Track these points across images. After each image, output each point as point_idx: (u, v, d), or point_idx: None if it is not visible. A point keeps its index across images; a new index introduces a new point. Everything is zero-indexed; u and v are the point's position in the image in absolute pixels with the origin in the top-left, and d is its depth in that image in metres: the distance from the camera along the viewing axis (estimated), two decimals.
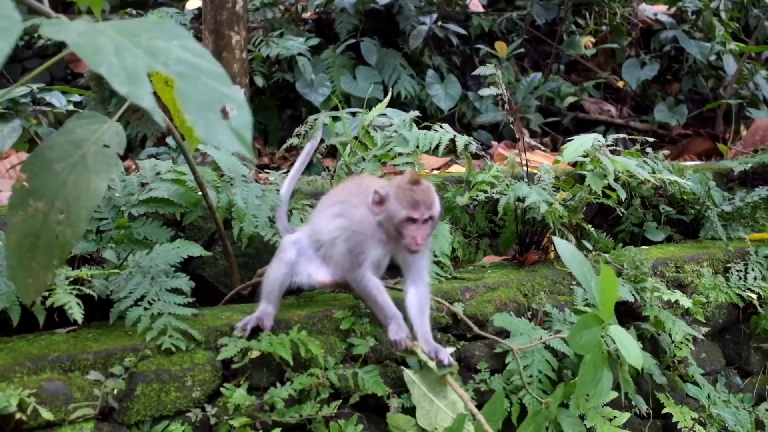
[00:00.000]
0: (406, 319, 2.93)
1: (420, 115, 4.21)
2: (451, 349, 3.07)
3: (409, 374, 2.95)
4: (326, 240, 3.01)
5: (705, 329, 3.91)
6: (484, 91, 4.04)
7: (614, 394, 3.27)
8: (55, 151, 2.18)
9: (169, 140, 6.17)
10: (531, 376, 3.17)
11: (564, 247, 2.79)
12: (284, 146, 4.14)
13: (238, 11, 6.32)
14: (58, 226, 2.08)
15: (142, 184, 3.35)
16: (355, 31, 7.98)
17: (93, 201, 2.12)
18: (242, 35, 6.06)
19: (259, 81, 7.20)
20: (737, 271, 4.28)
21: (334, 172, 4.06)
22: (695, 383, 3.88)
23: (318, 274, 3.03)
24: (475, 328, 3.27)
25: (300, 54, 7.30)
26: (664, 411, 3.71)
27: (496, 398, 2.89)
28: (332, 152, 4.59)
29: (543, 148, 5.72)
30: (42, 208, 2.12)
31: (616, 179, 3.90)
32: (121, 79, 1.56)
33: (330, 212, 3.04)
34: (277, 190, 3.50)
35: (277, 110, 7.63)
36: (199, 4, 7.34)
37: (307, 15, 8.63)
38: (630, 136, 5.35)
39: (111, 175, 2.19)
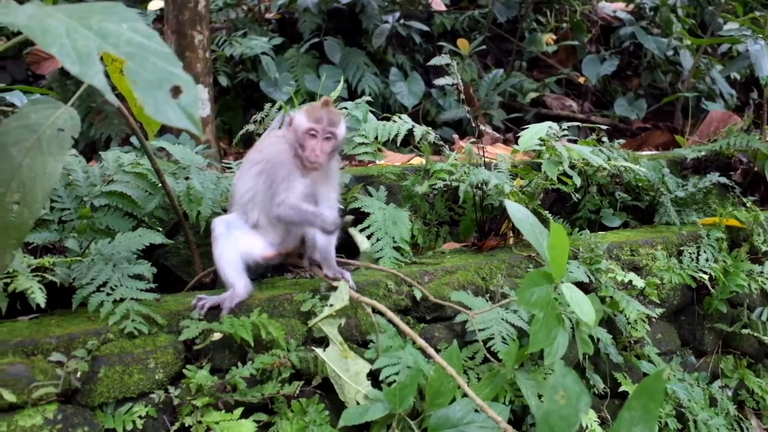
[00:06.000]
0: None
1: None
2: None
3: (319, 353, 2.95)
4: (247, 198, 3.08)
5: (660, 310, 3.99)
6: (440, 81, 4.13)
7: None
8: (10, 135, 2.21)
9: (134, 140, 6.17)
10: (490, 348, 3.21)
11: (515, 209, 2.75)
12: (240, 133, 4.27)
13: (201, 11, 6.34)
14: (15, 208, 2.11)
15: (105, 176, 3.39)
16: (319, 30, 8.02)
17: (49, 182, 2.16)
18: (205, 35, 6.09)
19: (223, 81, 7.21)
20: (690, 253, 4.38)
21: None
22: (651, 362, 3.97)
23: (258, 249, 3.11)
24: (432, 298, 3.32)
25: (264, 53, 7.34)
26: (620, 389, 3.80)
27: (451, 353, 2.91)
28: None
29: (506, 141, 5.82)
30: None
31: (573, 166, 3.98)
32: (72, 59, 1.62)
33: (248, 173, 3.11)
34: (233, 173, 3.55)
35: (242, 110, 7.61)
36: (162, 4, 7.35)
37: (270, 15, 8.66)
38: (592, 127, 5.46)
39: (65, 157, 2.22)
